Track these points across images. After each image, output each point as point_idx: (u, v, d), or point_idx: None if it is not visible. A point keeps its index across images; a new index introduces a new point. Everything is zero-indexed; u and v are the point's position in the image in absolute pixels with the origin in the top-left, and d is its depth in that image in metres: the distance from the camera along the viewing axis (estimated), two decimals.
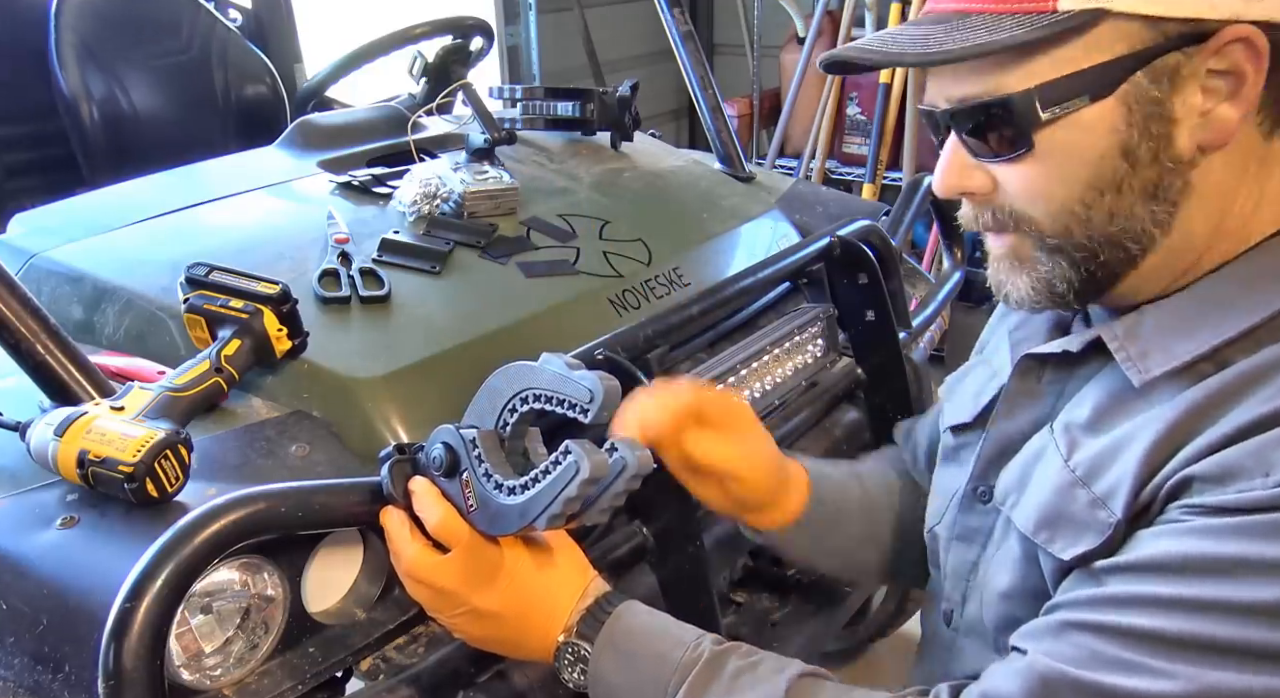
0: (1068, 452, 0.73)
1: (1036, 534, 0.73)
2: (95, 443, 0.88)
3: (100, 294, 1.29)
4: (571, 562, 0.86)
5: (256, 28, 2.68)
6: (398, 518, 0.85)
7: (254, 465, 1.01)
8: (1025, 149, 0.69)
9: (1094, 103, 0.66)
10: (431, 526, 0.82)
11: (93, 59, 2.25)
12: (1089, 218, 0.69)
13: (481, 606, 0.81)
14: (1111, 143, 0.67)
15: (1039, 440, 0.78)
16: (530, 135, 1.87)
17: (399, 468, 0.84)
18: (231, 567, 0.86)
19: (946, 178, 0.75)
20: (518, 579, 0.82)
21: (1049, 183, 0.70)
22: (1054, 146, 0.68)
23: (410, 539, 0.83)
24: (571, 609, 0.83)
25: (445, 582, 0.81)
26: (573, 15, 3.70)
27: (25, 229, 1.49)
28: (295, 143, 1.78)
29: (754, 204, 1.82)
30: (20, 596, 0.87)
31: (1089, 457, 0.71)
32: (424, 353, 1.19)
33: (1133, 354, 0.71)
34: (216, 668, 0.86)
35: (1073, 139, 0.68)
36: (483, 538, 0.81)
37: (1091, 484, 0.70)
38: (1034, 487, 0.75)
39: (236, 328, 1.08)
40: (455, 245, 1.41)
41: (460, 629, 0.85)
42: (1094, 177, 0.68)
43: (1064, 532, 0.71)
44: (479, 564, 0.81)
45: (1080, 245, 0.71)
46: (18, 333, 0.96)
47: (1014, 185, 0.71)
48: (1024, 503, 0.76)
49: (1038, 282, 0.74)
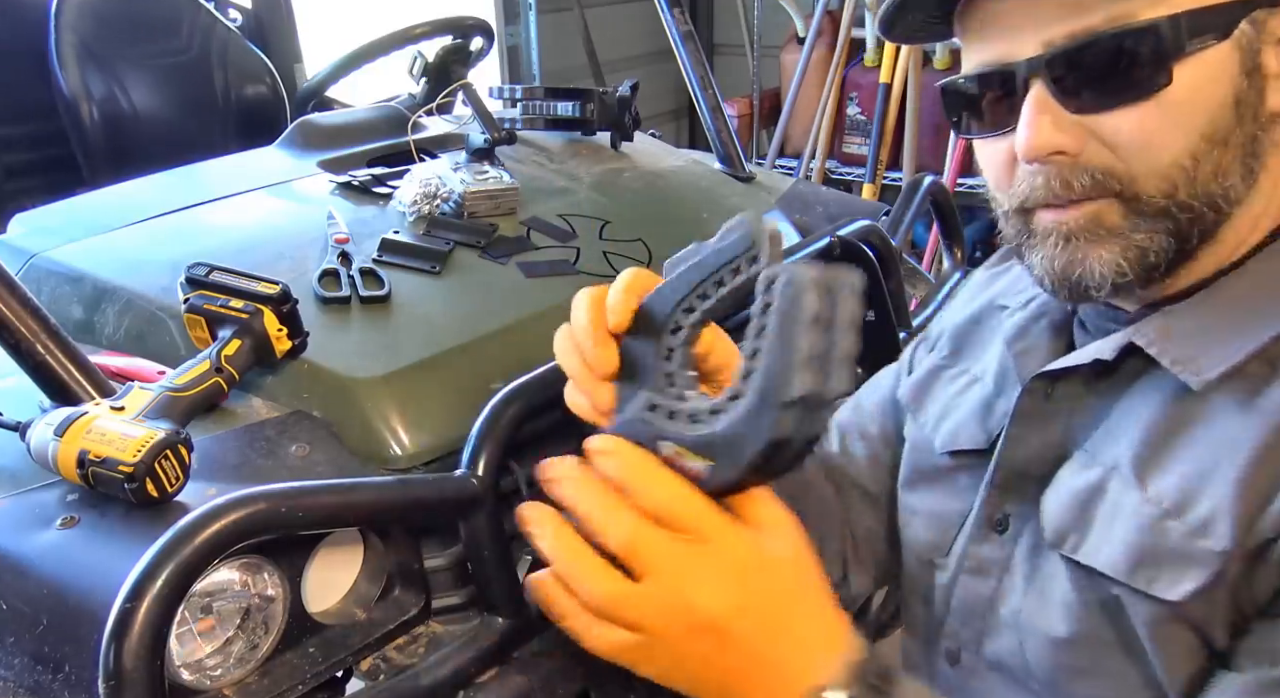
0: (1141, 483, 0.65)
1: (1133, 577, 0.64)
2: (95, 443, 0.88)
3: (100, 294, 1.29)
4: (808, 555, 0.58)
5: (256, 28, 2.68)
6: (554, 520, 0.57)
7: (254, 465, 1.01)
8: (1160, 86, 0.61)
9: (1219, 43, 0.62)
10: (660, 503, 0.53)
11: (93, 59, 2.25)
12: (1196, 174, 0.63)
13: (725, 621, 0.53)
14: (1228, 91, 0.63)
15: (1089, 473, 0.69)
16: (530, 135, 1.87)
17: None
18: (231, 567, 0.86)
19: (1038, 136, 0.64)
20: (779, 579, 0.55)
21: (1166, 132, 0.63)
22: (1182, 87, 0.62)
23: (589, 553, 0.54)
24: (830, 648, 0.56)
25: (697, 599, 0.53)
26: (573, 15, 3.70)
27: (25, 229, 1.49)
28: (295, 143, 1.79)
29: (754, 204, 1.82)
30: (20, 596, 0.87)
31: (1171, 487, 0.64)
32: (424, 353, 1.19)
33: (1179, 358, 0.65)
34: (216, 668, 0.86)
35: (1200, 81, 0.62)
36: (726, 517, 0.55)
37: (1183, 516, 0.63)
38: (1104, 526, 0.67)
39: (236, 328, 1.08)
40: (455, 245, 1.41)
41: (667, 671, 0.56)
42: (1209, 126, 0.63)
43: (1166, 570, 0.63)
44: (731, 558, 0.54)
45: (1184, 205, 0.64)
46: (18, 333, 0.96)
47: (1125, 135, 0.63)
48: (1095, 544, 0.67)
49: (1129, 252, 0.65)
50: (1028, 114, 0.65)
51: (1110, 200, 0.65)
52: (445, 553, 1.04)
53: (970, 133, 0.73)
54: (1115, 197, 0.65)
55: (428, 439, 1.10)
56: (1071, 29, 0.63)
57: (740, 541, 0.54)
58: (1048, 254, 0.68)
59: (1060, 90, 0.64)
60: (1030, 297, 0.83)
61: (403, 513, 0.96)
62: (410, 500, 0.96)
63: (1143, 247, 0.65)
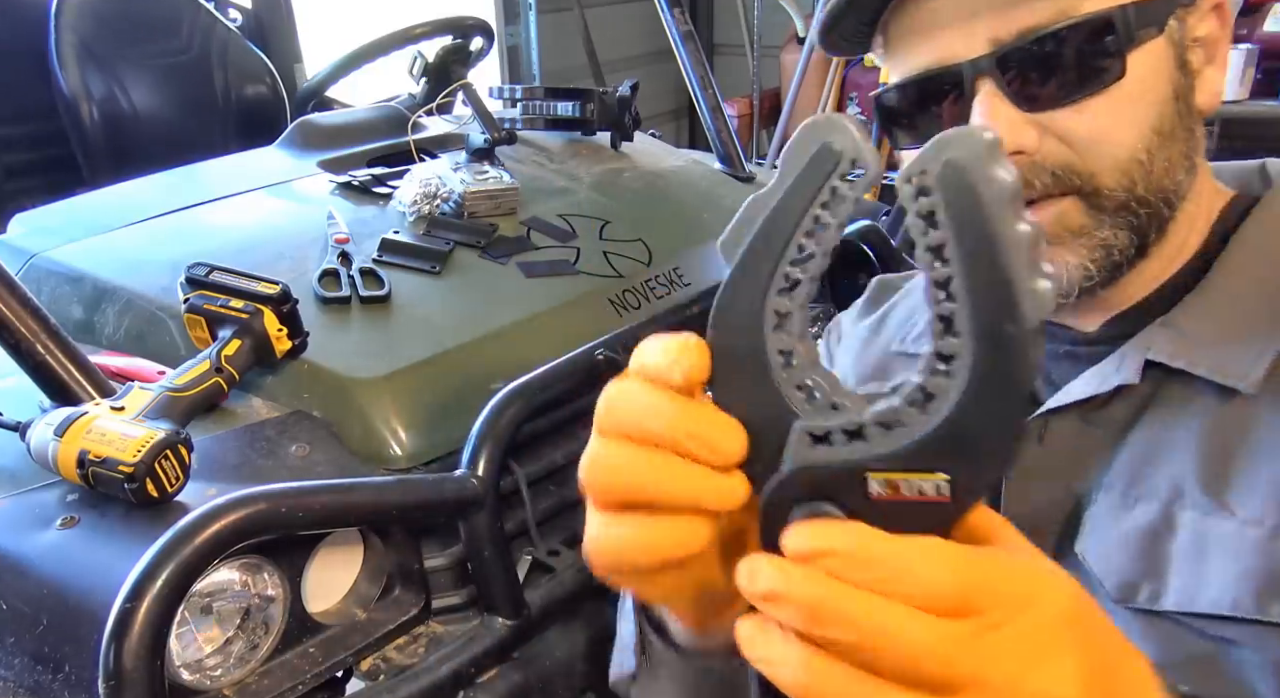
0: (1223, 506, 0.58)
1: (1264, 610, 0.56)
2: (95, 443, 0.88)
3: (100, 294, 1.29)
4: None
5: (256, 28, 2.68)
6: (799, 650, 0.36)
7: (254, 465, 1.01)
8: (1114, 78, 0.60)
9: (1158, 36, 0.61)
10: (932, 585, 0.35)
11: (93, 59, 2.25)
12: (1151, 168, 0.62)
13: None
14: (1169, 85, 0.62)
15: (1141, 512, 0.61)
16: (530, 135, 1.87)
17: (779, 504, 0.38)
18: (231, 567, 0.86)
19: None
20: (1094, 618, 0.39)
21: (1122, 126, 0.61)
22: (1134, 80, 0.61)
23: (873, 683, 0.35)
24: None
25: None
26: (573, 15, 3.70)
27: (25, 229, 1.50)
28: (295, 143, 1.79)
29: None
30: (20, 596, 0.87)
31: (1264, 502, 0.57)
32: (424, 353, 1.19)
33: (1216, 365, 0.61)
34: (216, 668, 0.86)
35: (1147, 73, 0.61)
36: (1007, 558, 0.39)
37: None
38: (1191, 564, 0.59)
39: (236, 328, 1.08)
40: (455, 245, 1.41)
41: None
42: (1159, 120, 0.62)
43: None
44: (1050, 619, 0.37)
45: (1143, 200, 0.62)
46: (18, 333, 0.96)
47: (1082, 131, 0.61)
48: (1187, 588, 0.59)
49: (1095, 252, 0.63)
50: (981, 115, 0.61)
51: (1073, 198, 0.63)
52: (445, 553, 1.04)
53: (912, 145, 0.68)
54: (1076, 193, 0.63)
55: (428, 439, 1.10)
56: (1019, 25, 0.60)
57: (1045, 588, 0.37)
58: None
59: (1012, 89, 0.61)
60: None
61: (403, 513, 0.96)
62: (410, 501, 0.96)
63: (1107, 245, 0.63)
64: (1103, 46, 0.60)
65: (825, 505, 0.37)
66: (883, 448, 0.36)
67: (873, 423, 0.36)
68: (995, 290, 0.34)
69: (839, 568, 0.35)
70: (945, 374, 0.35)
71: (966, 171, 0.34)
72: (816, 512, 0.37)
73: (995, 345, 0.34)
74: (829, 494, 0.37)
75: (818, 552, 0.35)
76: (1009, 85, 0.61)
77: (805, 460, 0.37)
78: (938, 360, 0.35)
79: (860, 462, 0.36)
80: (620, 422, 0.39)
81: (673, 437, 0.37)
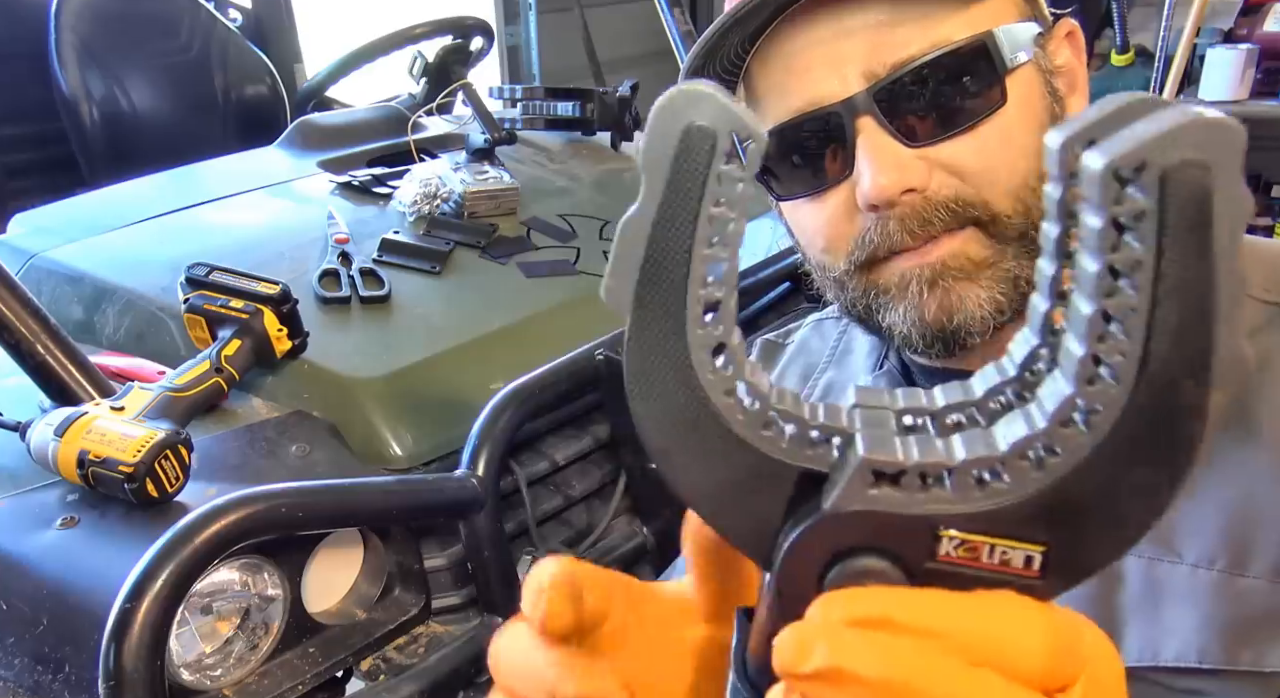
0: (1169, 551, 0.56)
1: (1235, 659, 0.53)
2: (95, 443, 0.88)
3: (100, 294, 1.29)
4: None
5: (256, 28, 2.68)
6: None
7: (254, 465, 1.01)
8: (997, 105, 0.58)
9: (1028, 62, 0.60)
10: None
11: (93, 59, 2.25)
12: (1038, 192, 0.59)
13: None
14: (1046, 110, 0.61)
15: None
16: (530, 135, 1.87)
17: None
18: (232, 567, 0.86)
19: (884, 175, 0.57)
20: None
21: (1008, 152, 0.59)
22: (1014, 106, 0.59)
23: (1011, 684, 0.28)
24: None
25: None
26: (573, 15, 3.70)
27: (25, 229, 1.50)
28: (295, 143, 1.79)
29: (754, 204, 1.82)
30: (20, 596, 0.87)
31: (1212, 543, 0.55)
32: (424, 353, 1.19)
33: None
34: (216, 668, 0.86)
35: (1024, 98, 0.59)
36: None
37: (1248, 568, 0.54)
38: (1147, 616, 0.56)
39: (236, 328, 1.08)
40: (455, 245, 1.41)
41: None
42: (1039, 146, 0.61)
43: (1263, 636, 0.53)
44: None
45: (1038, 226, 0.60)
46: (18, 333, 0.96)
47: (971, 161, 0.59)
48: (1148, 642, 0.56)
49: (1003, 284, 0.59)
50: (867, 156, 0.58)
51: (972, 229, 0.59)
52: (445, 553, 1.04)
53: (794, 193, 0.64)
54: (975, 223, 0.59)
55: (428, 439, 1.10)
56: (893, 59, 0.57)
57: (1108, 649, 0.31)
58: (913, 304, 0.60)
59: (894, 124, 0.58)
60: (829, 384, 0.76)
61: (403, 513, 0.96)
62: (410, 501, 0.96)
63: (1014, 275, 0.60)
64: (981, 73, 0.58)
65: (876, 561, 0.28)
66: (974, 505, 0.28)
67: (966, 471, 0.28)
68: (1190, 340, 0.26)
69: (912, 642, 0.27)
70: (1079, 428, 0.27)
71: (1213, 180, 0.25)
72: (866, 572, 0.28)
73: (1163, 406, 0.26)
74: (883, 548, 0.28)
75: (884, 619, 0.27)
76: (891, 121, 0.58)
77: (867, 503, 0.28)
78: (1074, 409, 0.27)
79: (940, 516, 0.28)
80: (502, 677, 0.35)
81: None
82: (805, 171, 0.62)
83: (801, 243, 0.68)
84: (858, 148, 0.58)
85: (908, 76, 0.57)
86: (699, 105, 0.28)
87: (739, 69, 0.64)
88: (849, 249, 0.62)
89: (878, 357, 0.74)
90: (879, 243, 0.60)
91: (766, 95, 0.63)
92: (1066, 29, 0.64)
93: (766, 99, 0.63)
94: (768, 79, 0.62)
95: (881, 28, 0.57)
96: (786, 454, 0.29)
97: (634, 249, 0.29)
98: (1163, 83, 3.05)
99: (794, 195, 0.64)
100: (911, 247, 0.59)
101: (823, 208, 0.63)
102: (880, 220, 0.59)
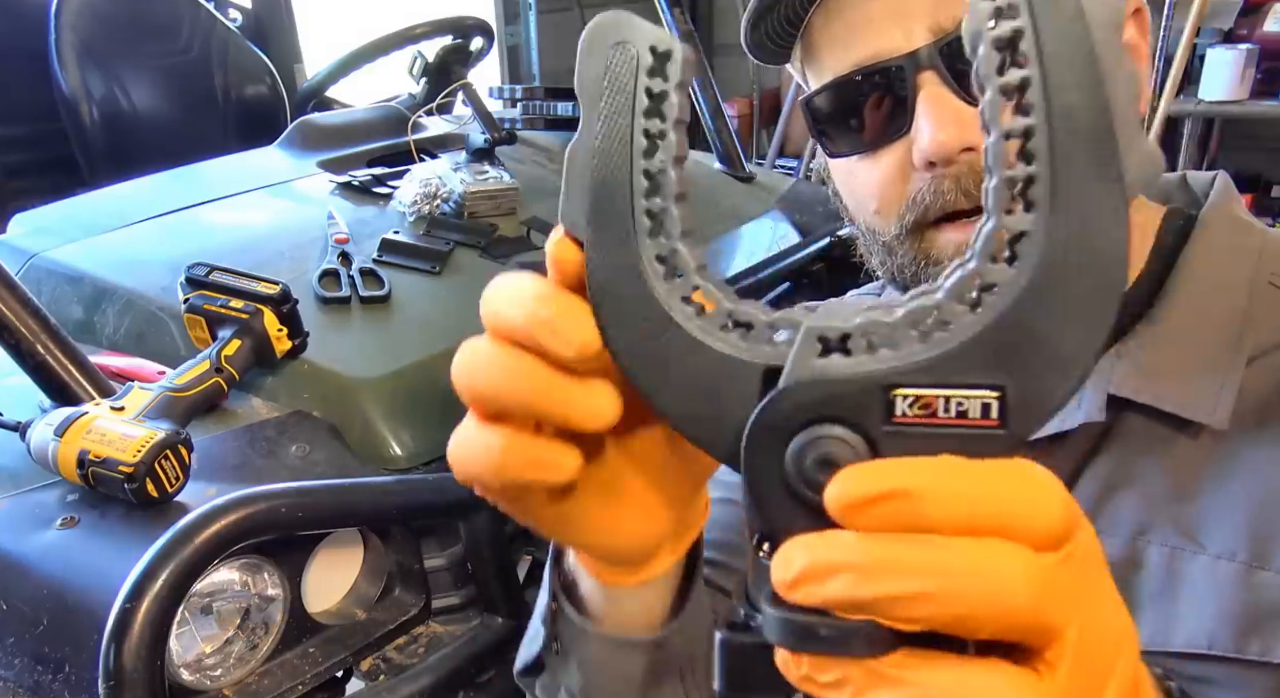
0: (1193, 541, 0.56)
1: (1244, 648, 0.54)
2: (95, 443, 0.88)
3: (100, 294, 1.29)
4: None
5: (256, 28, 2.68)
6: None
7: (254, 465, 1.01)
8: None
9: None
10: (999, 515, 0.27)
11: (93, 59, 2.25)
12: None
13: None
14: None
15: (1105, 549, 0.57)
16: (530, 135, 1.87)
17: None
18: (231, 567, 0.86)
19: (943, 131, 0.55)
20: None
21: None
22: None
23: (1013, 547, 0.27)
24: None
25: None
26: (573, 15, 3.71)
27: (25, 229, 1.50)
28: (295, 143, 1.79)
29: (754, 204, 1.82)
30: (20, 596, 0.87)
31: (1236, 536, 0.55)
32: (424, 353, 1.19)
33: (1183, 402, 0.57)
34: (216, 668, 0.86)
35: None
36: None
37: (1270, 563, 0.54)
38: (1164, 602, 0.56)
39: (236, 328, 1.08)
40: (455, 245, 1.41)
41: None
42: None
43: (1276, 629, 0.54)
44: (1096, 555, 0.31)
45: None
46: (18, 333, 0.96)
47: None
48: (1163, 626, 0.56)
49: None
50: (927, 110, 0.56)
51: None
52: (445, 553, 1.04)
53: (849, 150, 0.63)
54: None
55: (428, 439, 1.10)
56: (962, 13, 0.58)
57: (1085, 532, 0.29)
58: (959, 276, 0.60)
59: (959, 81, 0.56)
60: None
61: (403, 513, 0.96)
62: (410, 501, 0.97)
63: None
64: None
65: (834, 428, 0.28)
66: (917, 356, 0.27)
67: (905, 325, 0.28)
68: (1094, 146, 0.25)
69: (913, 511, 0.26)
70: (1009, 259, 0.27)
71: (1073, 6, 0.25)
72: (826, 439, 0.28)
73: (1084, 219, 0.26)
74: (839, 418, 0.28)
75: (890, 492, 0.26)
76: (955, 78, 0.56)
77: (814, 372, 0.28)
78: (999, 244, 0.26)
79: (887, 374, 0.27)
80: (490, 314, 0.33)
81: (526, 328, 0.31)
82: (861, 128, 0.60)
83: (851, 206, 0.66)
84: (919, 103, 0.57)
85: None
86: (620, 29, 0.29)
87: (799, 22, 0.63)
88: (900, 211, 0.60)
89: None
90: (931, 203, 0.58)
91: (825, 48, 0.61)
92: (1135, 5, 0.62)
93: (826, 54, 0.61)
94: (828, 31, 0.60)
95: None
96: (746, 352, 0.29)
97: (581, 171, 0.30)
98: (1163, 83, 3.05)
99: (848, 153, 0.63)
100: (965, 210, 0.57)
101: (877, 166, 0.61)
102: (935, 179, 0.58)
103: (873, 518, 0.26)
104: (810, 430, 0.28)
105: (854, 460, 0.27)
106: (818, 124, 0.63)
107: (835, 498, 0.26)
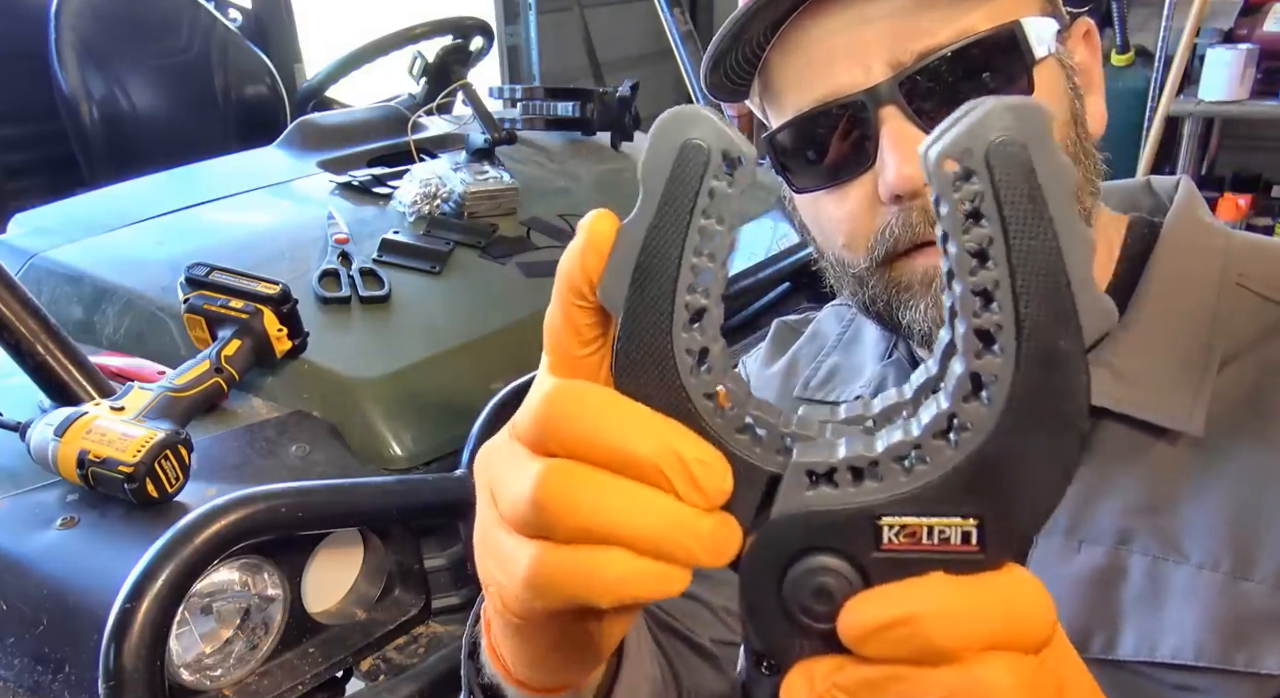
0: (1176, 550, 0.56)
1: (1229, 658, 0.54)
2: (95, 443, 0.88)
3: (100, 294, 1.29)
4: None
5: (256, 28, 2.68)
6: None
7: (254, 465, 1.01)
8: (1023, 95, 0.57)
9: (1050, 56, 0.58)
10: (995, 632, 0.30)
11: (93, 59, 2.25)
12: None
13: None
14: (1068, 107, 0.60)
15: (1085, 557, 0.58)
16: (530, 135, 1.87)
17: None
18: (231, 567, 0.86)
19: (912, 163, 0.56)
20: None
21: None
22: (1039, 97, 0.57)
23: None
24: None
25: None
26: (573, 15, 3.70)
27: (25, 229, 1.50)
28: (295, 143, 1.79)
29: (754, 204, 1.82)
30: (20, 596, 0.87)
31: (1217, 545, 0.55)
32: (424, 353, 1.19)
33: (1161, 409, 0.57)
34: (216, 668, 0.86)
35: (1049, 92, 0.58)
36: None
37: (1252, 573, 0.54)
38: (1147, 612, 0.56)
39: (236, 328, 1.08)
40: (455, 245, 1.41)
41: None
42: (1064, 142, 0.59)
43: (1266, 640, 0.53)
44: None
45: None
46: (18, 333, 0.96)
47: None
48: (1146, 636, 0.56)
49: None
50: (891, 144, 0.57)
51: None
52: (445, 553, 1.04)
53: (814, 186, 0.63)
54: None
55: (428, 439, 1.10)
56: (918, 47, 0.56)
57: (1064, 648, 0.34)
58: (934, 302, 0.59)
59: (920, 114, 0.57)
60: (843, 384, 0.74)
61: (403, 513, 0.96)
62: (410, 501, 0.96)
63: None
64: (1009, 63, 0.57)
65: (827, 558, 0.30)
66: (901, 488, 0.30)
67: (888, 459, 0.30)
68: (1053, 300, 0.28)
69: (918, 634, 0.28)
70: (981, 400, 0.29)
71: (1028, 152, 0.27)
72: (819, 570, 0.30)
73: (1047, 365, 0.28)
74: (831, 546, 0.30)
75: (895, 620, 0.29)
76: (916, 111, 0.57)
77: (804, 505, 0.30)
78: (971, 384, 0.29)
79: (874, 505, 0.30)
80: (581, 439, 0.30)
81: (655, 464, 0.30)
82: (825, 163, 0.61)
83: (819, 239, 0.67)
84: (881, 137, 0.57)
85: (934, 65, 0.56)
86: (696, 125, 0.30)
87: (757, 61, 0.63)
88: (869, 244, 0.61)
89: (886, 346, 0.74)
90: (900, 235, 0.59)
91: (785, 85, 0.62)
92: (1084, 28, 0.63)
93: (785, 90, 0.62)
94: (787, 70, 0.61)
95: (905, 15, 0.56)
96: (758, 458, 0.31)
97: (629, 253, 0.31)
98: (1163, 83, 3.05)
99: (813, 188, 0.63)
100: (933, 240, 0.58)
101: (843, 201, 0.62)
102: (903, 211, 0.58)
103: (883, 644, 0.29)
104: (805, 561, 0.30)
105: (848, 590, 0.30)
106: (781, 160, 0.63)
107: (848, 628, 0.29)
